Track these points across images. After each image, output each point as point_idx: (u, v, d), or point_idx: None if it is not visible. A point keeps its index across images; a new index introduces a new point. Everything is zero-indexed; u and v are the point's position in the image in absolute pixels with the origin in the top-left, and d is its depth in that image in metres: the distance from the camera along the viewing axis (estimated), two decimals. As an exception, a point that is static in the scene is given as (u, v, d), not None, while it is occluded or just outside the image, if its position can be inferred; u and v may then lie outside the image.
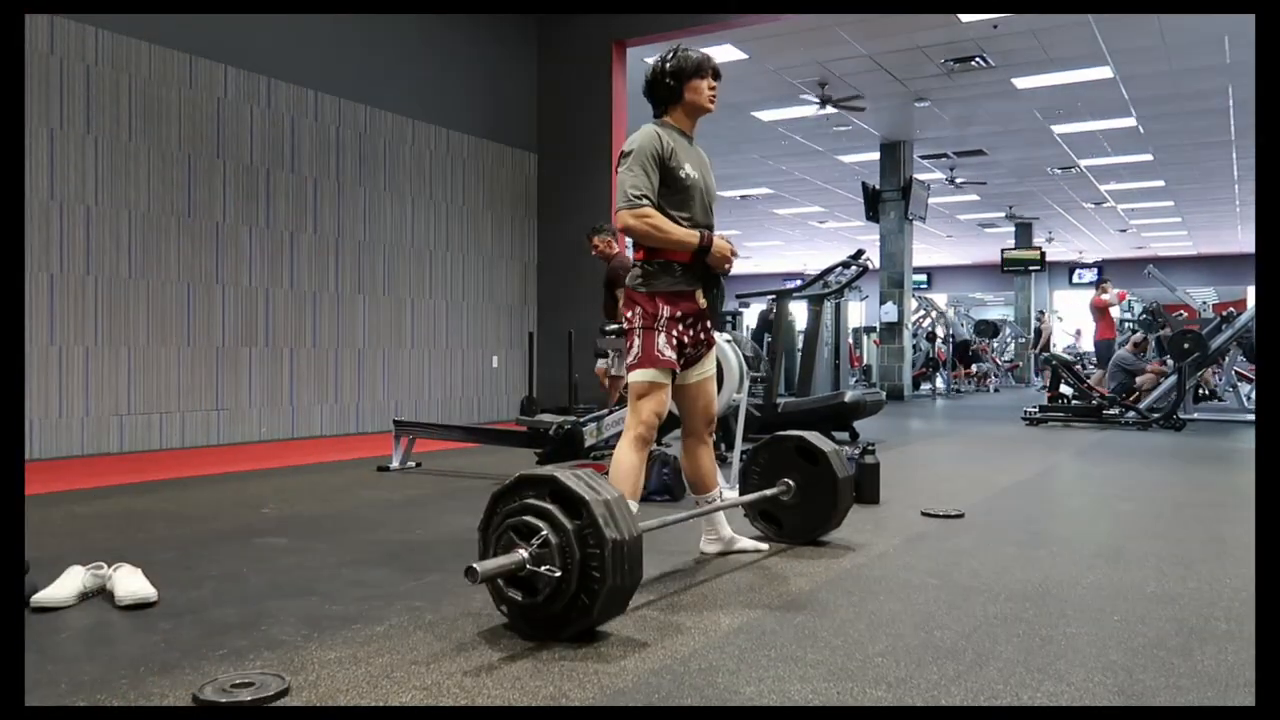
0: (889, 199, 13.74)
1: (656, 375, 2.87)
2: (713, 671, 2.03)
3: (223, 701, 1.83)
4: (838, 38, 9.34)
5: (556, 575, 2.16)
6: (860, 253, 7.14)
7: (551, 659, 2.11)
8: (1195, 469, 5.80)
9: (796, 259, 27.48)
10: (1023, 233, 21.05)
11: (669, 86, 2.94)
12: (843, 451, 3.44)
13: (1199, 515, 4.10)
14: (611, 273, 6.70)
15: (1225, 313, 10.19)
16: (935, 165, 15.24)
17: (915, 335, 15.68)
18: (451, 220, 9.20)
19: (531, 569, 2.18)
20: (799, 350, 8.25)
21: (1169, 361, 9.89)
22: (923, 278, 27.19)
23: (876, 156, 13.98)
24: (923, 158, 14.61)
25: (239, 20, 7.24)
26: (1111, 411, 9.27)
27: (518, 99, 9.85)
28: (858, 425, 7.33)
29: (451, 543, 3.41)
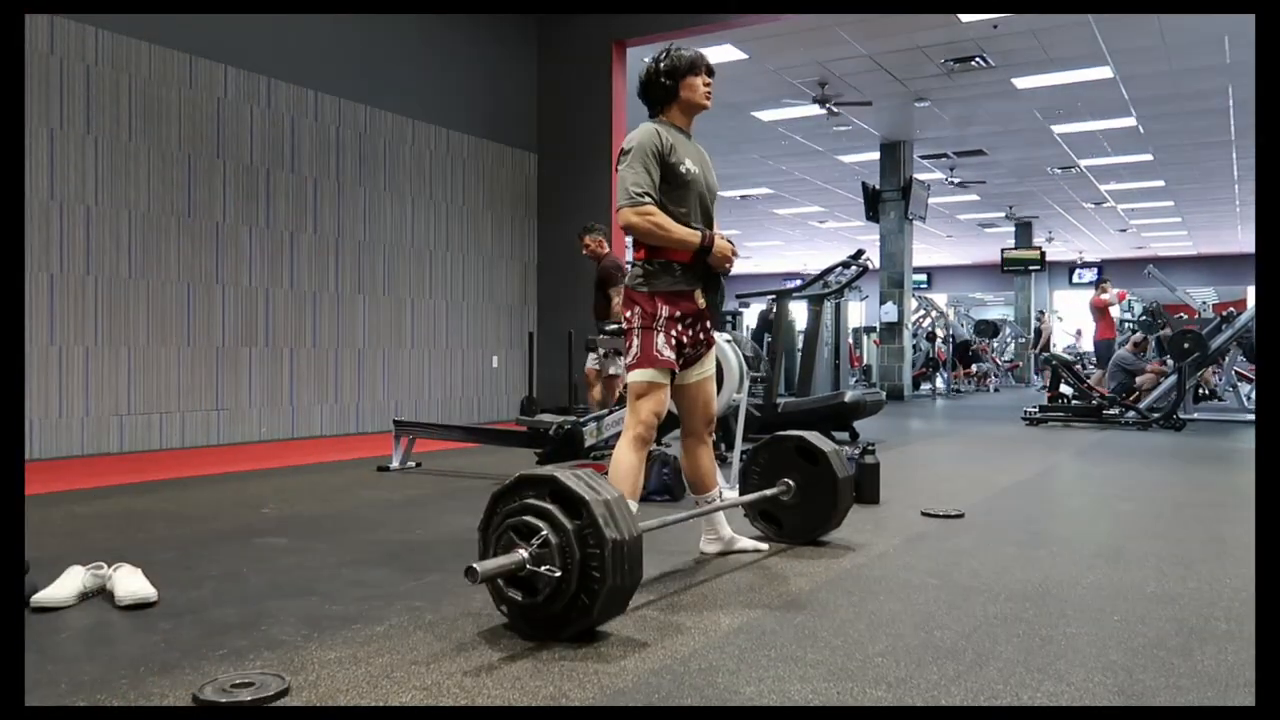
0: (889, 199, 13.74)
1: (655, 375, 2.87)
2: (713, 671, 2.03)
3: (223, 701, 1.83)
4: (838, 38, 9.34)
5: (556, 575, 2.16)
6: (860, 253, 7.14)
7: (551, 659, 2.11)
8: (1195, 469, 5.80)
9: (796, 259, 27.48)
10: (1023, 233, 21.06)
11: (665, 86, 2.94)
12: (843, 451, 3.44)
13: (1199, 515, 4.10)
14: (603, 272, 6.73)
15: (1225, 313, 10.19)
16: (935, 165, 15.25)
17: (915, 335, 15.68)
18: (451, 220, 9.20)
19: (531, 569, 2.18)
20: (799, 350, 8.25)
21: (1169, 361, 9.89)
22: (923, 278, 27.19)
23: (876, 156, 13.98)
24: (923, 158, 14.61)
25: (239, 20, 7.24)
26: (1111, 411, 9.27)
27: (518, 99, 9.85)
28: (858, 425, 7.33)
29: (451, 543, 3.41)
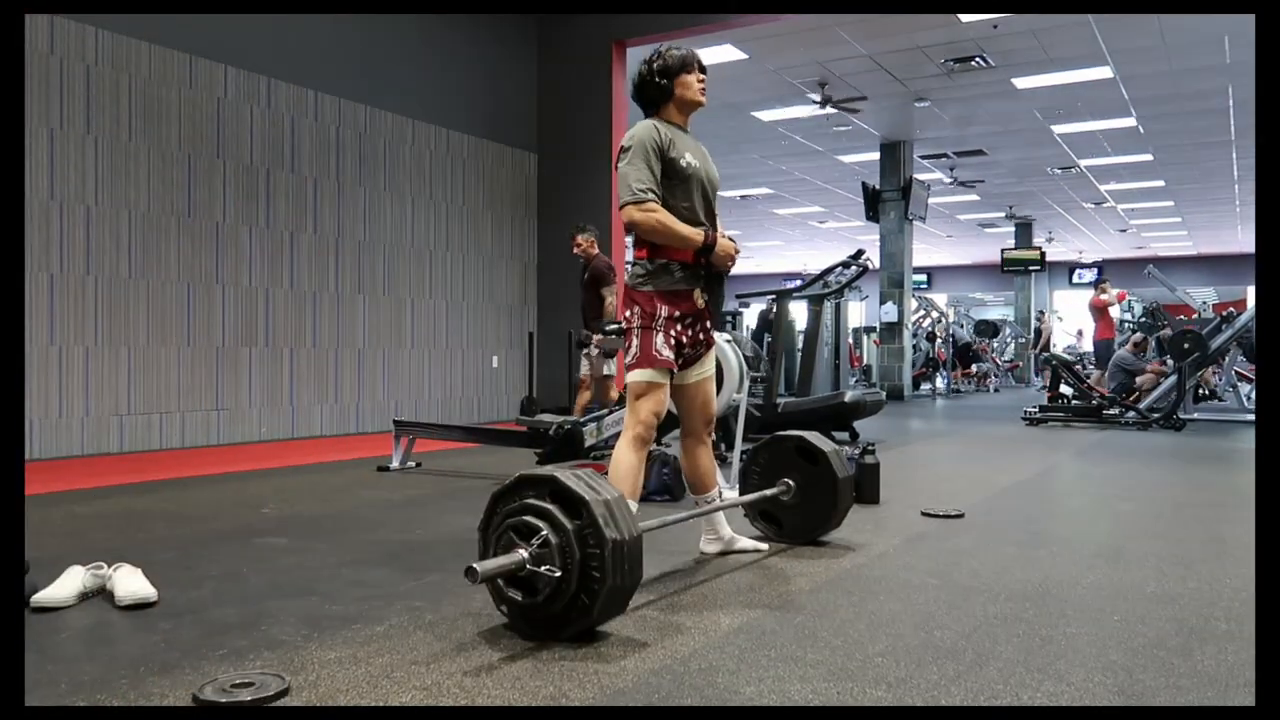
0: (889, 199, 13.74)
1: (654, 375, 2.87)
2: (713, 671, 2.03)
3: (223, 701, 1.83)
4: (838, 38, 9.34)
5: (556, 575, 2.16)
6: (860, 253, 7.14)
7: (551, 659, 2.11)
8: (1195, 469, 5.80)
9: (796, 259, 27.48)
10: (1023, 233, 21.06)
11: (659, 86, 2.95)
12: (843, 451, 3.44)
13: (1199, 515, 4.10)
14: (595, 272, 6.76)
15: (1225, 313, 10.19)
16: (935, 165, 15.24)
17: (915, 335, 15.68)
18: (451, 220, 9.20)
19: (531, 569, 2.18)
20: (799, 350, 8.25)
21: (1169, 361, 9.89)
22: (923, 278, 27.18)
23: (876, 156, 13.98)
24: (923, 158, 14.61)
25: (239, 20, 7.24)
26: (1111, 411, 9.27)
27: (518, 99, 9.85)
28: (858, 425, 7.33)
29: (451, 543, 3.41)
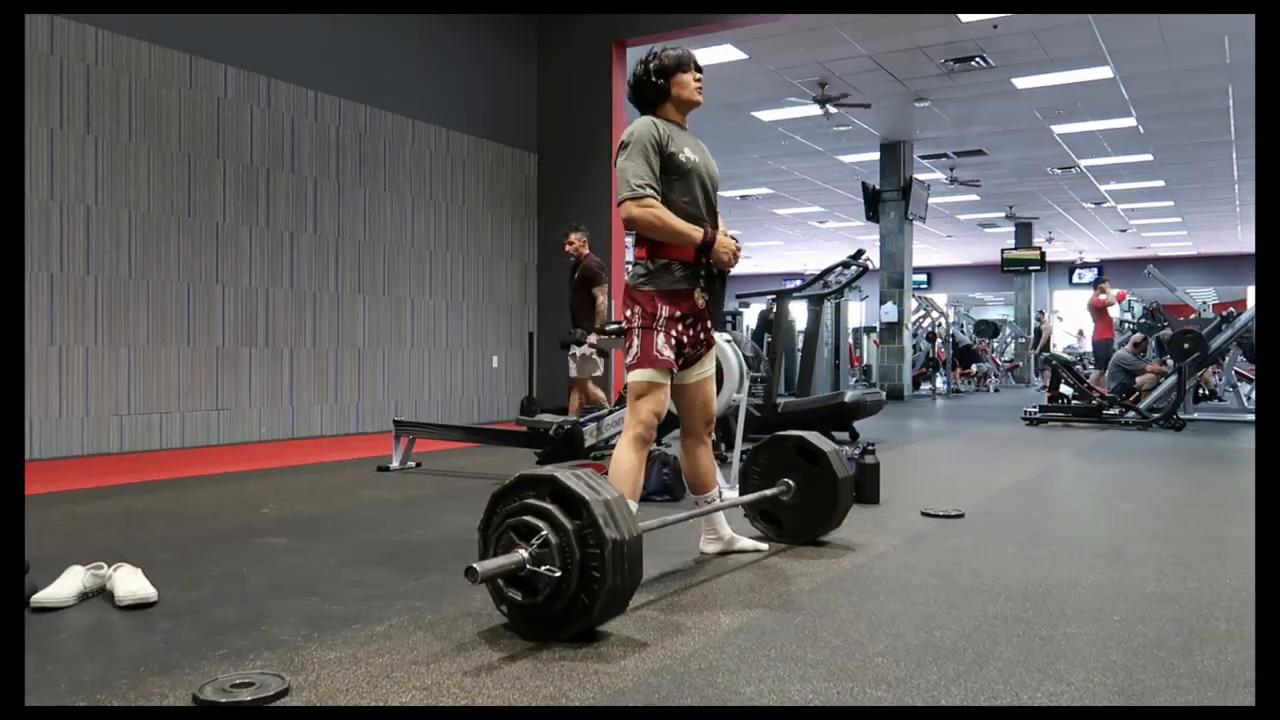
0: (889, 199, 13.74)
1: (655, 375, 2.87)
2: (713, 671, 2.03)
3: (223, 701, 1.83)
4: (838, 38, 9.34)
5: (556, 575, 2.16)
6: (860, 253, 7.14)
7: (551, 659, 2.11)
8: (1195, 469, 5.80)
9: (796, 259, 27.48)
10: (1023, 233, 21.06)
11: (656, 85, 2.96)
12: (843, 451, 3.44)
13: (1199, 515, 4.10)
14: (587, 271, 6.78)
15: (1225, 313, 10.19)
16: (935, 165, 15.24)
17: (915, 335, 15.68)
18: (451, 220, 9.20)
19: (531, 569, 2.18)
20: (799, 350, 8.25)
21: (1169, 361, 9.89)
22: (923, 278, 27.18)
23: (876, 156, 13.98)
24: (923, 158, 14.61)
25: (239, 20, 7.24)
26: (1111, 411, 9.27)
27: (518, 99, 9.85)
28: (858, 425, 7.33)
29: (451, 543, 3.41)
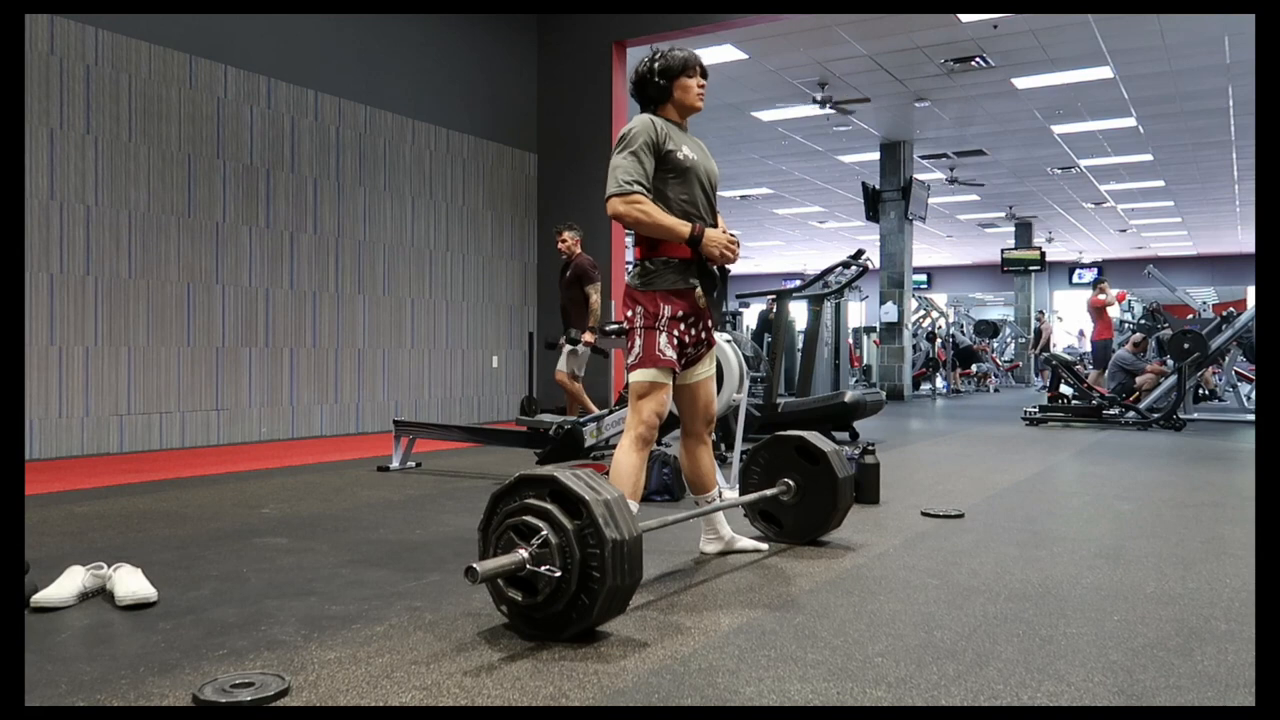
0: (889, 199, 13.75)
1: (657, 375, 2.87)
2: (713, 671, 2.03)
3: (223, 701, 1.83)
4: (838, 38, 9.34)
5: (556, 575, 2.16)
6: (860, 253, 7.15)
7: (551, 659, 2.11)
8: (1195, 469, 5.79)
9: (796, 259, 27.49)
10: (1023, 233, 21.07)
11: (659, 85, 2.95)
12: (843, 451, 3.44)
13: (1199, 515, 4.10)
14: (579, 270, 6.78)
15: (1225, 313, 10.20)
16: (935, 165, 15.24)
17: (915, 335, 15.68)
18: (451, 220, 9.20)
19: (531, 569, 2.18)
20: (799, 350, 8.26)
21: (1169, 361, 9.89)
22: (923, 278, 27.20)
23: (876, 156, 13.98)
24: (923, 158, 14.61)
25: (239, 20, 7.25)
26: (1111, 411, 9.27)
27: (518, 99, 9.85)
28: (858, 425, 7.33)
29: (451, 543, 3.41)
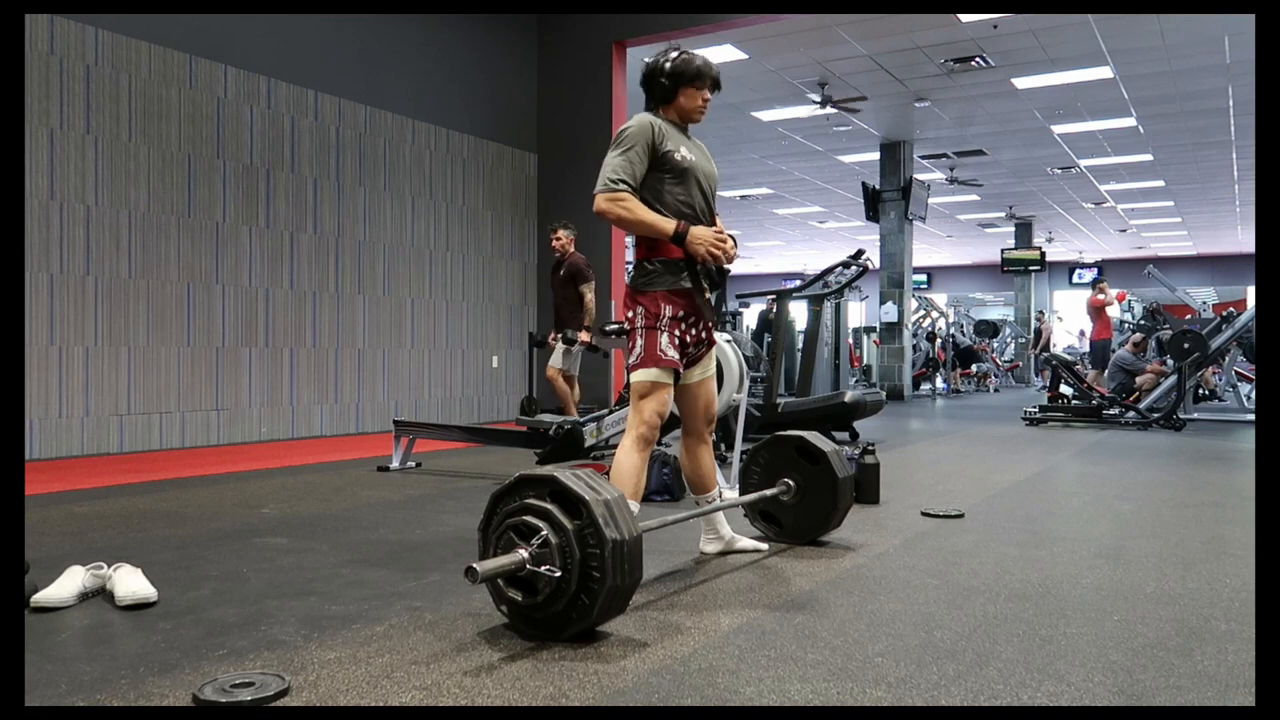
0: (889, 199, 13.75)
1: (659, 375, 2.87)
2: (713, 671, 2.03)
3: (223, 701, 1.83)
4: (838, 38, 9.34)
5: (556, 575, 2.16)
6: (860, 253, 7.15)
7: (551, 659, 2.11)
8: (1195, 469, 5.79)
9: (796, 259, 27.49)
10: (1023, 233, 21.07)
11: (664, 86, 2.94)
12: (843, 451, 3.44)
13: (1199, 515, 4.10)
14: (573, 269, 6.78)
15: (1225, 313, 10.20)
16: (935, 165, 15.24)
17: (915, 335, 15.68)
18: (451, 220, 9.20)
19: (531, 569, 2.18)
20: (799, 350, 8.26)
21: (1169, 361, 9.89)
22: (923, 278, 27.20)
23: (876, 156, 13.98)
24: (923, 158, 14.61)
25: (239, 20, 7.25)
26: (1111, 411, 9.27)
27: (518, 99, 9.85)
28: (858, 425, 7.33)
29: (451, 543, 3.41)
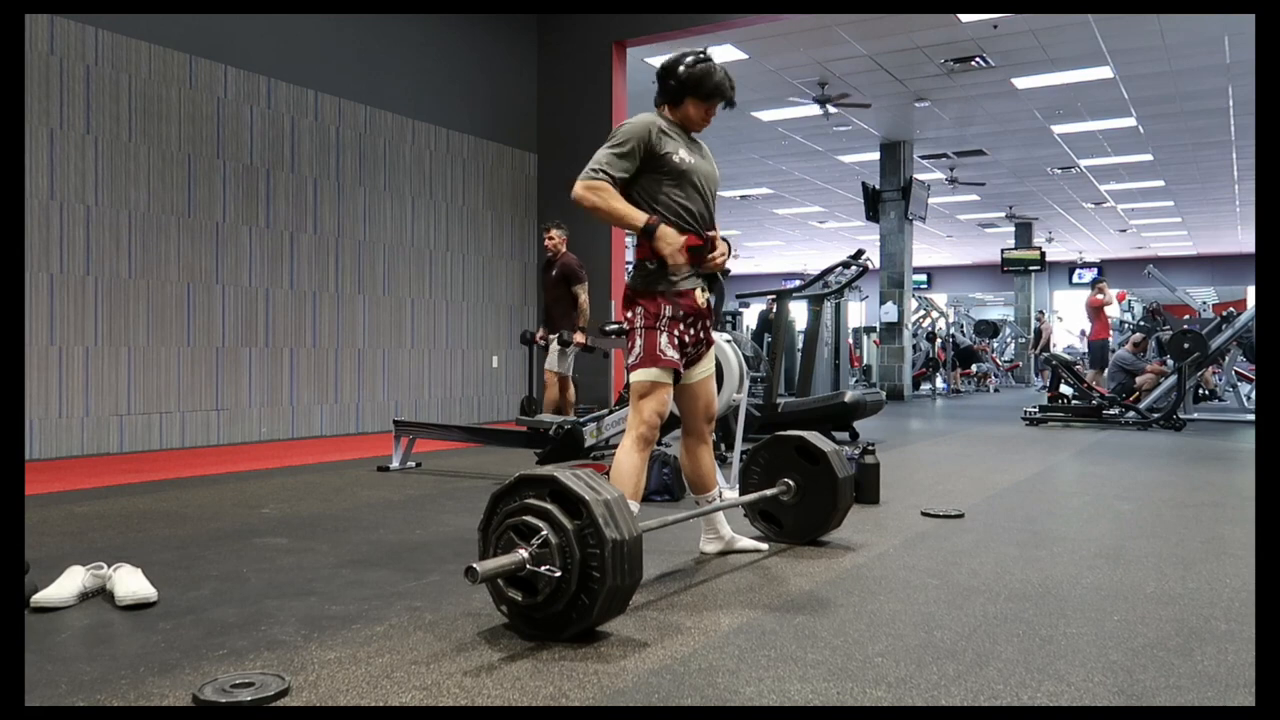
0: (889, 199, 13.75)
1: (659, 375, 2.86)
2: (713, 671, 2.03)
3: (223, 701, 1.83)
4: (838, 38, 9.34)
5: (556, 575, 2.16)
6: (860, 253, 7.16)
7: (551, 659, 2.11)
8: (1195, 469, 5.79)
9: (796, 259, 27.48)
10: (1023, 233, 21.06)
11: (672, 88, 2.93)
12: (843, 451, 3.44)
13: (1199, 515, 4.10)
14: (566, 269, 6.75)
15: (1225, 313, 10.20)
16: (935, 165, 15.24)
17: (915, 335, 15.68)
18: (451, 220, 9.20)
19: (531, 569, 2.18)
20: (799, 350, 8.26)
21: (1169, 361, 9.89)
22: (923, 278, 27.20)
23: (876, 156, 13.98)
24: (923, 158, 14.61)
25: (239, 20, 7.25)
26: (1111, 411, 9.27)
27: (518, 99, 9.85)
28: (858, 425, 7.33)
29: (451, 543, 3.41)
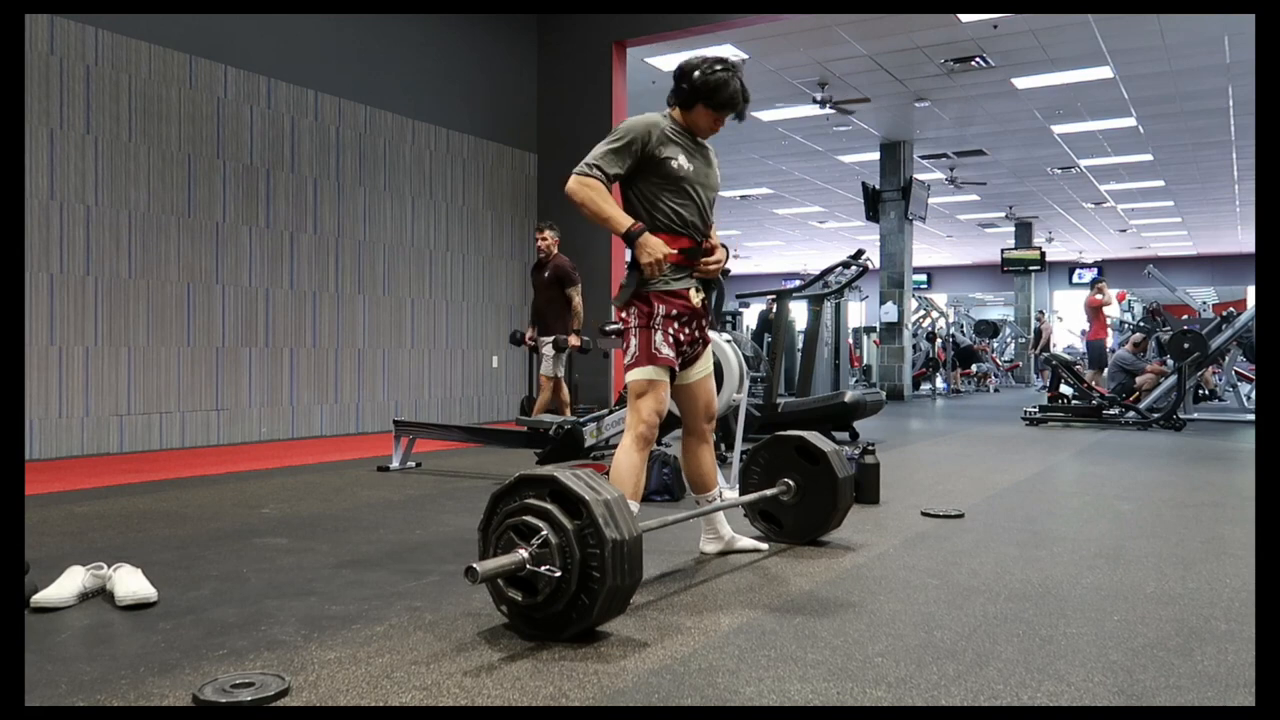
0: (889, 199, 13.75)
1: (655, 373, 2.87)
2: (713, 671, 2.03)
3: (223, 701, 1.83)
4: (838, 38, 9.34)
5: (556, 575, 2.16)
6: (860, 253, 7.16)
7: (551, 659, 2.11)
8: (1195, 469, 5.79)
9: (796, 259, 27.45)
10: (1023, 233, 21.06)
11: (686, 91, 2.90)
12: (843, 451, 3.44)
13: (1199, 515, 4.10)
14: (559, 271, 6.71)
15: (1225, 313, 10.20)
16: (935, 165, 15.24)
17: (915, 335, 15.68)
18: (451, 220, 9.20)
19: (531, 569, 2.18)
20: (799, 350, 8.26)
21: (1169, 361, 9.89)
22: (923, 278, 27.19)
23: (876, 156, 13.98)
24: (923, 158, 14.61)
25: (239, 20, 7.25)
26: (1111, 411, 9.27)
27: (518, 99, 9.85)
28: (858, 425, 7.33)
29: (451, 543, 3.41)
